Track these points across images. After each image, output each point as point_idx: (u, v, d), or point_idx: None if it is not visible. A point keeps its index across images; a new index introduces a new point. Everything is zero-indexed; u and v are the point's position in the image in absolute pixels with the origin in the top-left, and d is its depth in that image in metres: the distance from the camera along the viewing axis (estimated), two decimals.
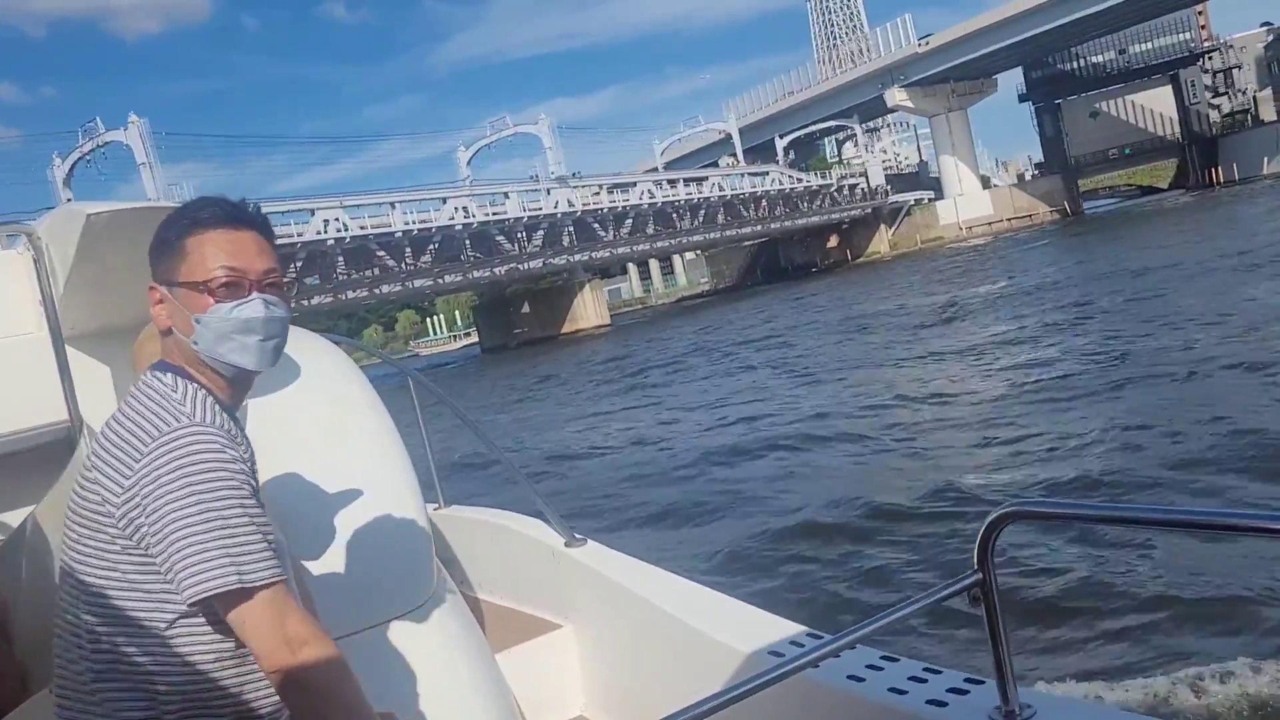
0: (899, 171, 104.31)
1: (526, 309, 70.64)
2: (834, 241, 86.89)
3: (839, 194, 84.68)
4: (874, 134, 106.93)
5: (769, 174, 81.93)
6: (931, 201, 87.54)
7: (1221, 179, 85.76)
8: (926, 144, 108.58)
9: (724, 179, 78.81)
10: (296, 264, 50.25)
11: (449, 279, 60.76)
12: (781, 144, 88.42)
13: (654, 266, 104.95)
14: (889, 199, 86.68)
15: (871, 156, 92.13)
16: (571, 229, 65.89)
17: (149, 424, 1.53)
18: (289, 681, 1.47)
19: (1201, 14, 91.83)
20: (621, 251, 72.73)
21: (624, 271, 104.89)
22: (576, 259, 66.05)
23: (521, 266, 62.81)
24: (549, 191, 65.75)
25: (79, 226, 2.12)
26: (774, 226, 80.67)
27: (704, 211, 75.04)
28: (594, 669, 3.09)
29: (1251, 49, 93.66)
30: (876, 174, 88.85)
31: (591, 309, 67.96)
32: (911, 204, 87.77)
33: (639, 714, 2.79)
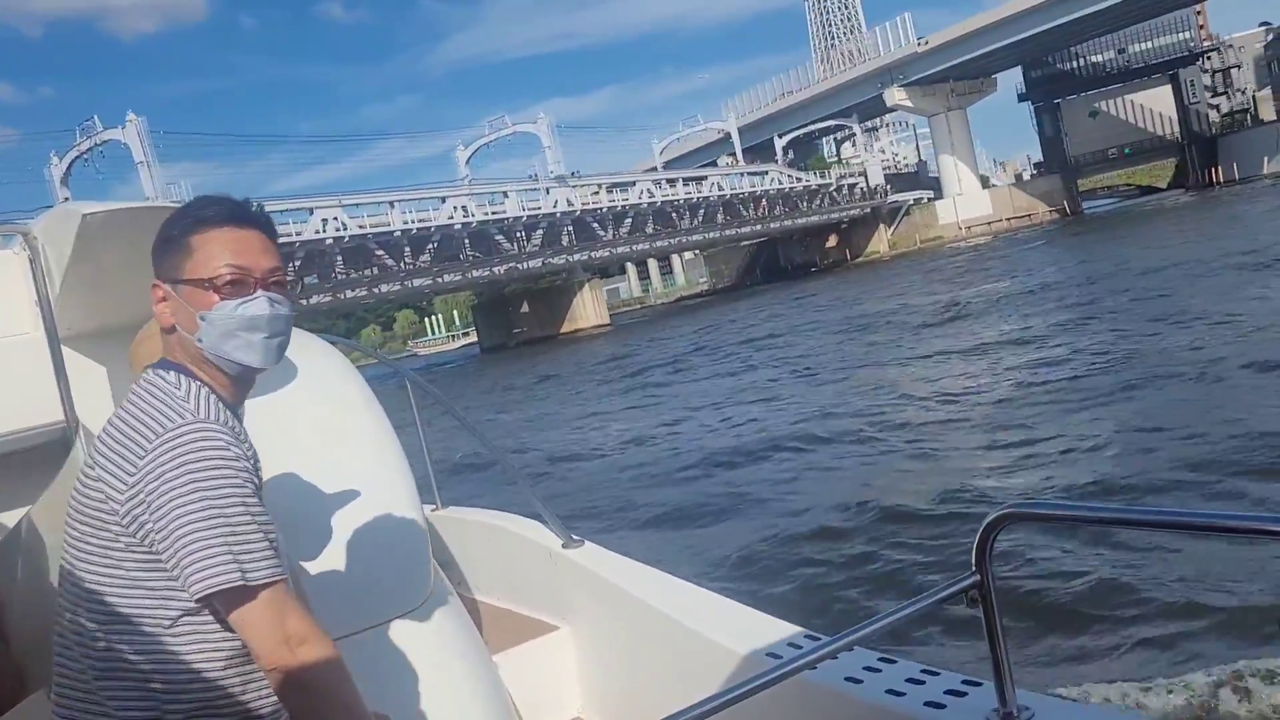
0: (898, 171, 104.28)
1: (525, 308, 70.61)
2: (833, 241, 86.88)
3: (838, 193, 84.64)
4: (872, 134, 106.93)
5: (768, 173, 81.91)
6: (931, 201, 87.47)
7: (1221, 178, 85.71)
8: (925, 144, 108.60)
9: (723, 178, 78.77)
10: (295, 263, 50.22)
11: (448, 278, 60.73)
12: (780, 143, 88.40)
13: (653, 266, 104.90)
14: (888, 199, 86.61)
15: (870, 156, 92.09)
16: (570, 228, 65.84)
17: (153, 421, 1.52)
18: (287, 680, 1.47)
19: (1200, 14, 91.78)
20: (621, 251, 72.69)
21: (622, 271, 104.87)
22: (576, 258, 66.00)
23: (520, 266, 62.77)
24: (548, 191, 65.67)
25: (75, 226, 2.11)
26: (773, 226, 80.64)
27: (703, 211, 75.00)
28: (591, 670, 3.09)
29: (1250, 48, 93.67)
30: (876, 173, 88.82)
31: (591, 309, 67.95)
32: (911, 204, 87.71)
33: (636, 716, 2.79)
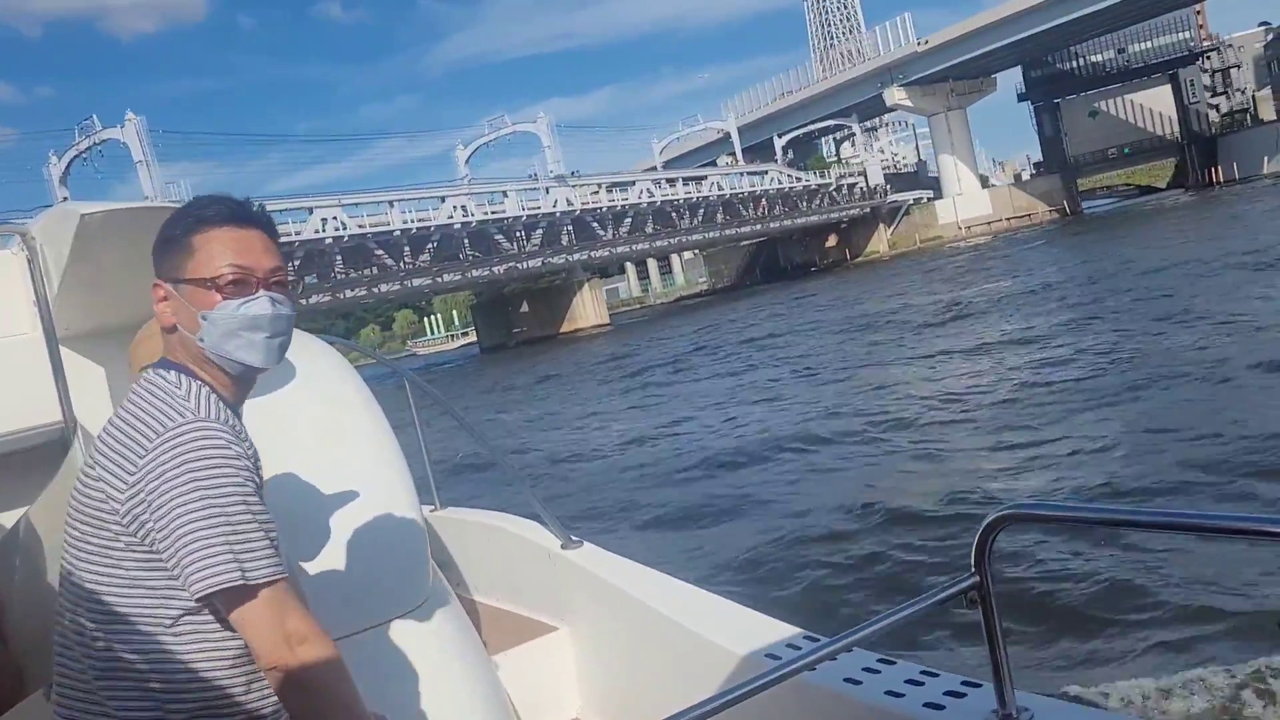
0: (897, 171, 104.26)
1: (525, 308, 70.56)
2: (833, 241, 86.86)
3: (838, 193, 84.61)
4: (872, 134, 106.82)
5: (768, 173, 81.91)
6: (930, 201, 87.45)
7: (1221, 178, 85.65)
8: (925, 144, 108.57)
9: (723, 178, 78.74)
10: (294, 263, 50.19)
11: (447, 278, 60.70)
12: (780, 143, 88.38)
13: (652, 266, 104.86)
14: (888, 198, 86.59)
15: (870, 156, 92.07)
16: (570, 228, 65.82)
17: (154, 420, 1.52)
18: (287, 679, 1.47)
19: (1199, 13, 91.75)
20: (620, 251, 72.67)
21: (622, 271, 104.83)
22: (575, 258, 65.97)
23: (520, 265, 62.74)
24: (548, 190, 65.61)
25: (73, 227, 2.11)
26: (773, 226, 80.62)
27: (703, 211, 74.98)
28: (590, 671, 3.08)
29: (1250, 48, 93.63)
30: (875, 173, 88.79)
31: (591, 308, 67.92)
32: (910, 203, 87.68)
33: (635, 717, 2.78)
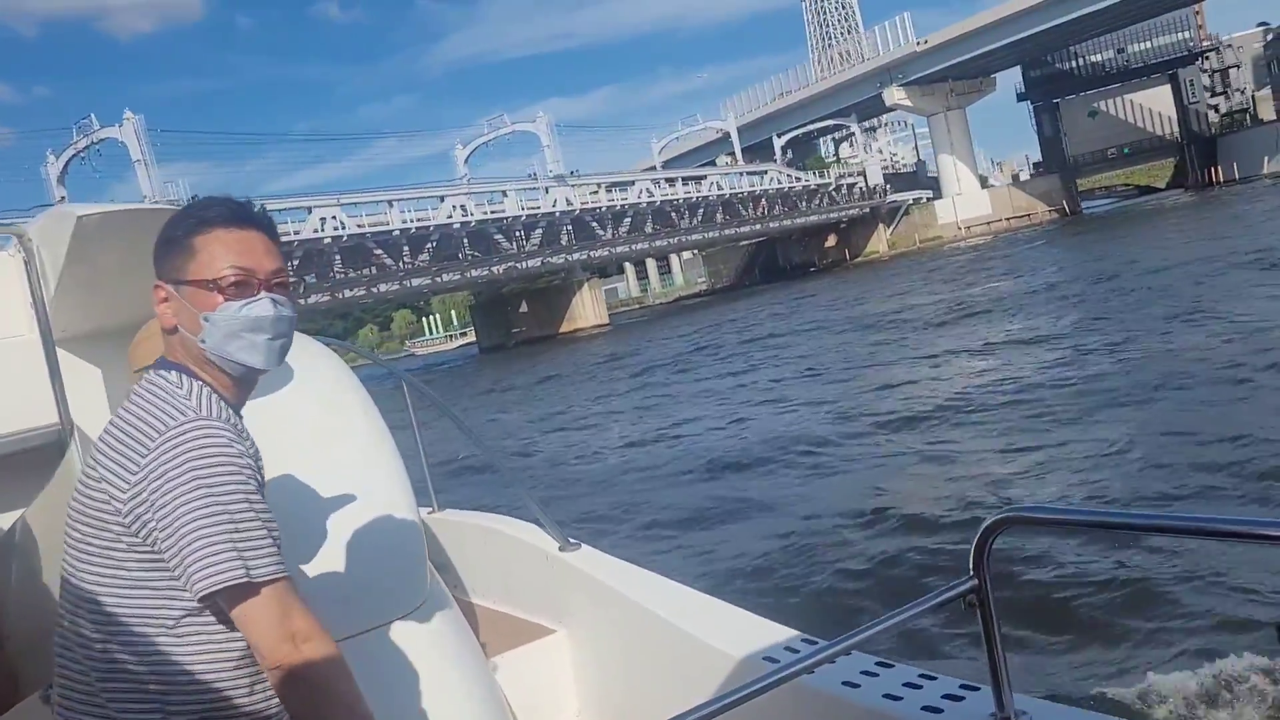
0: (895, 171, 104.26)
1: (524, 308, 70.49)
2: (832, 241, 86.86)
3: (837, 193, 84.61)
4: (870, 134, 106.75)
5: (767, 173, 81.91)
6: (930, 201, 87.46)
7: (1221, 178, 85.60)
8: (923, 144, 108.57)
9: (722, 178, 78.73)
10: (293, 262, 50.13)
11: (447, 278, 60.65)
12: (779, 143, 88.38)
13: (651, 266, 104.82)
14: (887, 198, 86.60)
15: (869, 156, 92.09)
16: (570, 228, 65.81)
17: (155, 419, 1.52)
18: (290, 677, 1.46)
19: (1198, 14, 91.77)
20: (620, 250, 72.66)
21: (620, 271, 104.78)
22: (575, 258, 65.93)
23: (520, 265, 62.72)
24: (547, 190, 65.58)
25: (70, 228, 2.11)
26: (772, 226, 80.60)
27: (702, 210, 74.97)
28: (588, 674, 3.08)
29: (1249, 49, 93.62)
30: (875, 173, 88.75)
31: (590, 308, 67.88)
32: (910, 203, 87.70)
33: None
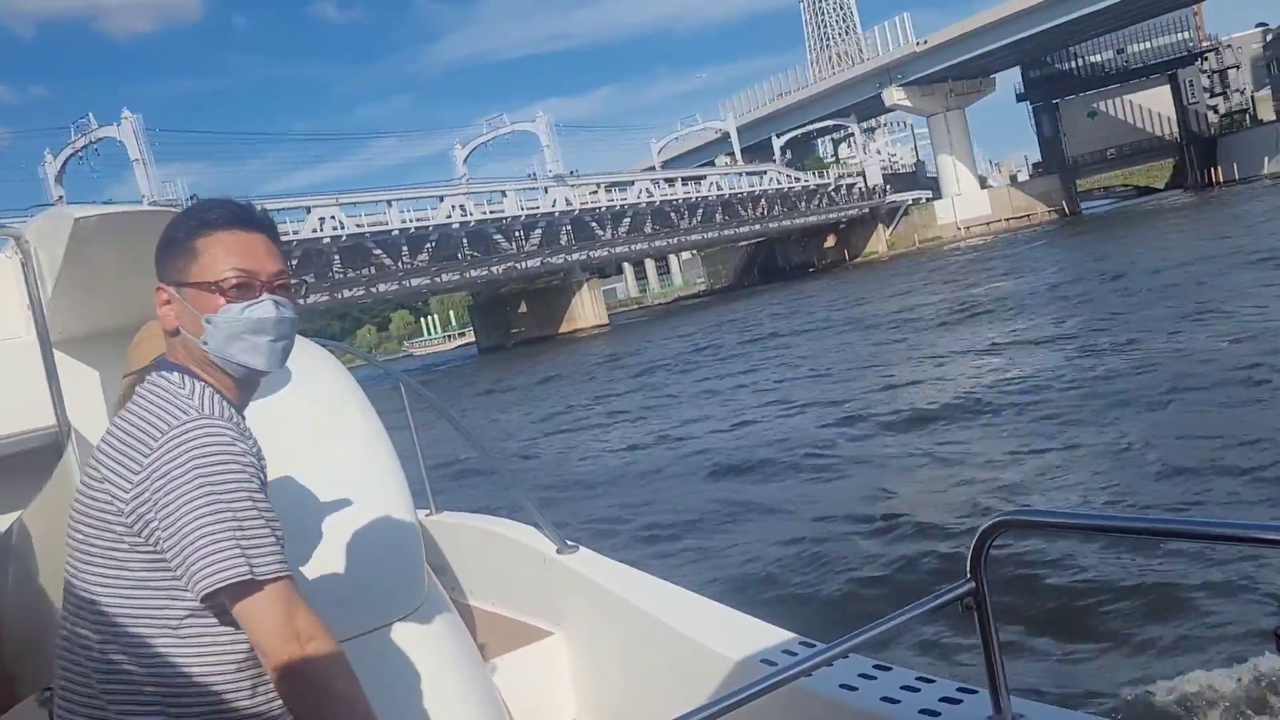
0: (894, 172, 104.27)
1: (523, 308, 70.44)
2: (831, 241, 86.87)
3: (837, 193, 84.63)
4: (869, 134, 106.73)
5: (767, 173, 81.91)
6: (929, 201, 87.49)
7: (1221, 179, 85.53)
8: (922, 144, 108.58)
9: (721, 178, 78.72)
10: (292, 262, 49.95)
11: (446, 278, 60.60)
12: (779, 143, 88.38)
13: (650, 266, 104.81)
14: (887, 199, 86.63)
15: (868, 156, 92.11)
16: (569, 228, 65.79)
17: (158, 420, 1.52)
18: (295, 675, 1.45)
19: (1197, 14, 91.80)
20: (620, 250, 72.65)
21: (619, 272, 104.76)
22: (574, 258, 65.92)
23: (519, 265, 62.68)
24: (546, 190, 65.55)
25: (67, 230, 2.10)
26: (772, 226, 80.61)
27: (702, 211, 74.95)
28: (585, 677, 3.08)
29: (1247, 49, 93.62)
30: (874, 173, 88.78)
31: (590, 309, 67.87)
32: (909, 204, 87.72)
33: None
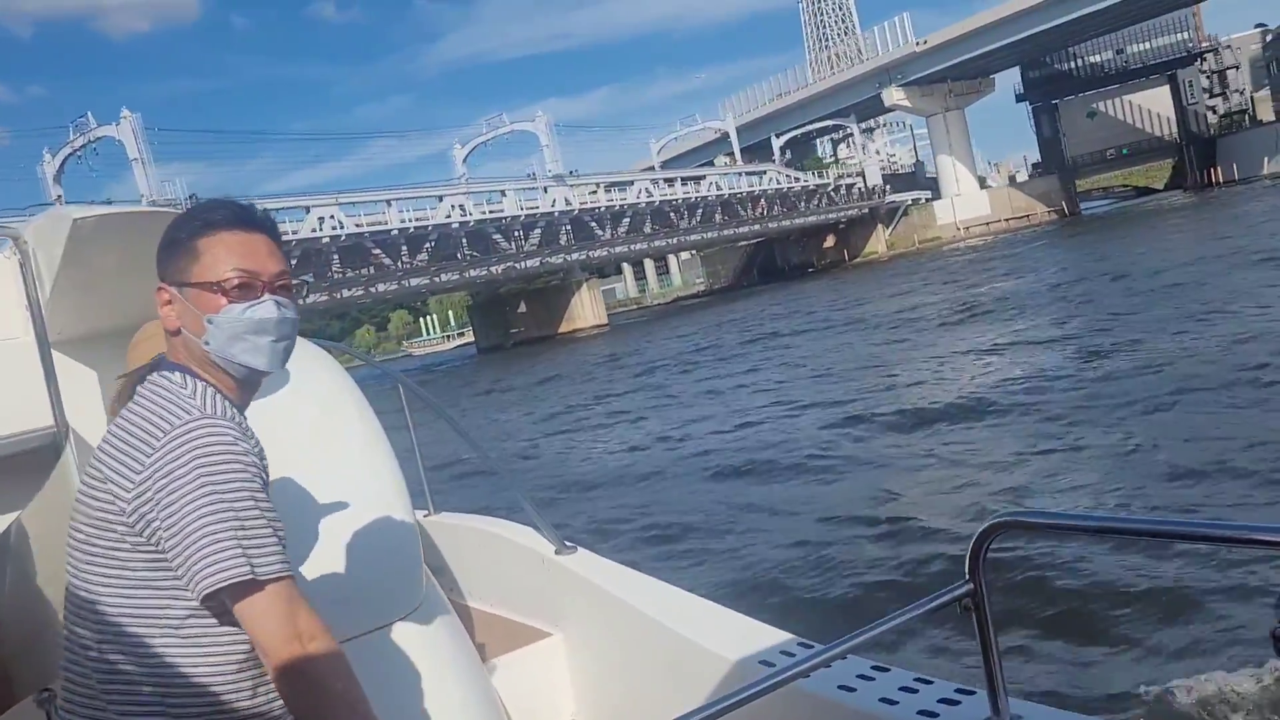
0: (893, 172, 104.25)
1: (523, 308, 70.36)
2: (831, 241, 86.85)
3: (836, 194, 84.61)
4: (868, 134, 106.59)
5: (766, 173, 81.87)
6: (929, 202, 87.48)
7: (1221, 179, 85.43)
8: (921, 145, 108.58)
9: (721, 178, 78.68)
10: (291, 262, 48.73)
11: (445, 277, 60.52)
12: (778, 143, 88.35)
13: (649, 266, 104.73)
14: (886, 199, 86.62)
15: (868, 157, 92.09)
16: (569, 228, 65.75)
17: (160, 419, 1.52)
18: (297, 675, 1.44)
19: (1195, 15, 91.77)
20: (619, 250, 72.60)
21: (618, 272, 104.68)
22: (574, 258, 65.88)
23: (518, 265, 62.64)
24: (546, 190, 65.49)
25: (66, 230, 2.10)
26: (771, 226, 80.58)
27: (701, 211, 74.92)
28: (584, 678, 3.08)
29: (1246, 50, 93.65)
30: (874, 174, 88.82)
31: (589, 309, 67.80)
32: (909, 204, 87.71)
33: None
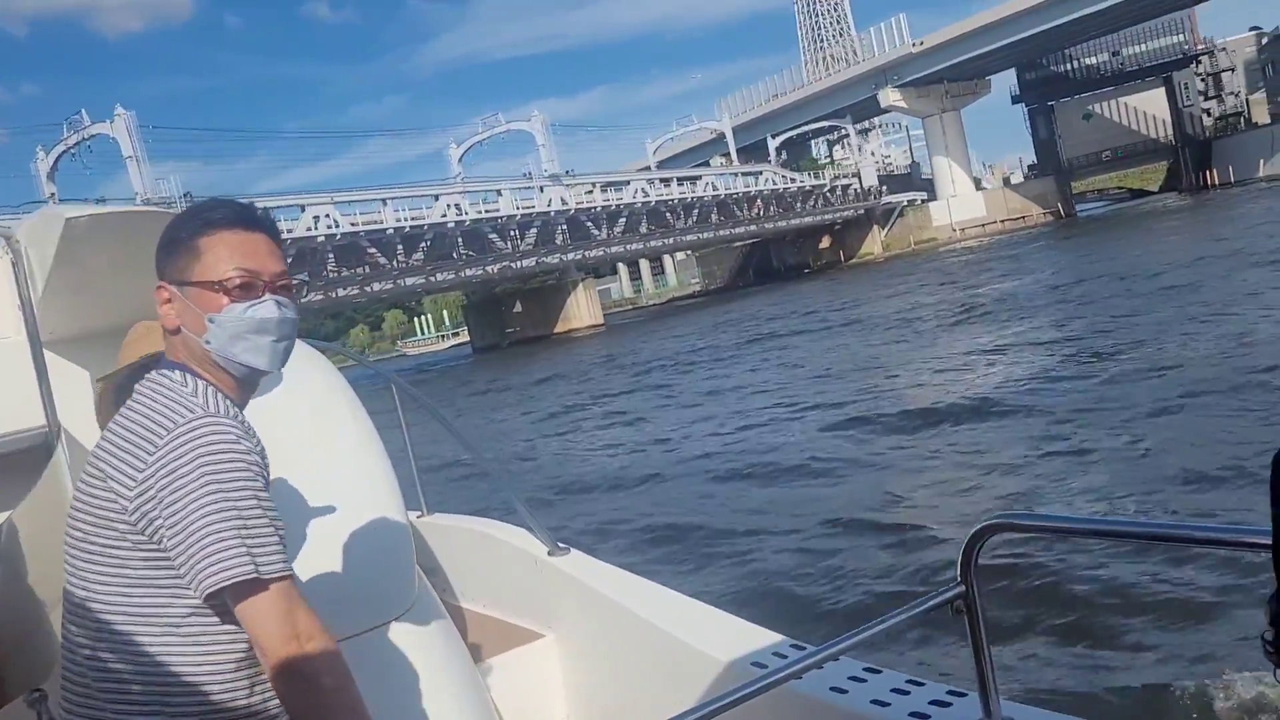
0: (889, 173, 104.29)
1: (519, 308, 70.25)
2: (826, 242, 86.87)
3: (832, 194, 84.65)
4: (864, 135, 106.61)
5: (762, 173, 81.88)
6: (924, 203, 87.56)
7: (1216, 181, 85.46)
8: (917, 146, 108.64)
9: (717, 178, 78.64)
10: (286, 260, 49.74)
11: (441, 277, 60.34)
12: (774, 144, 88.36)
13: (644, 267, 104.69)
14: (882, 200, 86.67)
15: (863, 158, 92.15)
16: (565, 227, 65.67)
17: (164, 416, 1.51)
18: (295, 674, 1.44)
19: (1191, 18, 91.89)
20: (615, 250, 72.50)
21: (613, 272, 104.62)
22: (570, 258, 65.81)
23: (514, 265, 62.53)
24: (542, 189, 65.37)
25: (58, 230, 2.10)
26: (767, 226, 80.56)
27: (697, 211, 74.87)
28: (576, 679, 3.08)
29: (1241, 52, 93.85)
30: (870, 174, 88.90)
31: (585, 309, 67.73)
32: (904, 205, 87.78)
33: None
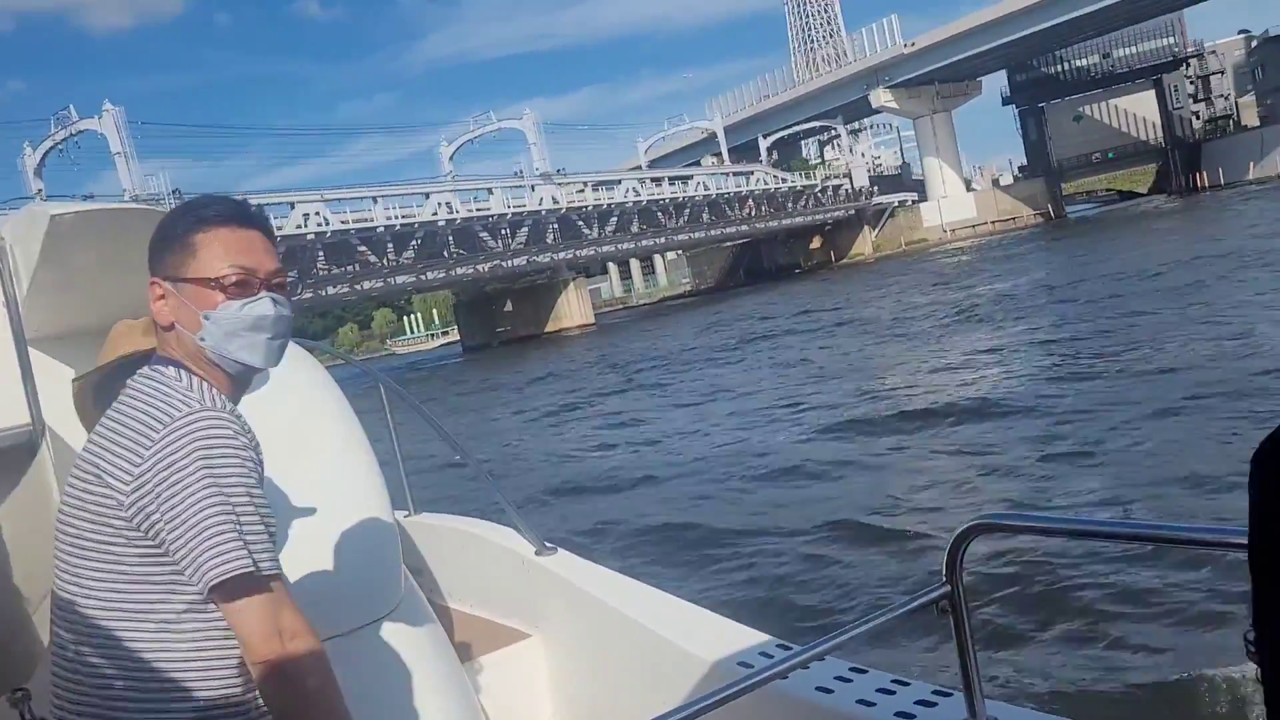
0: (880, 174, 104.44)
1: (509, 307, 70.18)
2: (817, 243, 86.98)
3: (823, 195, 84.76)
4: (855, 136, 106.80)
5: (754, 174, 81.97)
6: (915, 204, 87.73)
7: (1205, 184, 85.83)
8: (908, 147, 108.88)
9: (708, 178, 78.70)
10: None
11: (431, 275, 60.19)
12: (765, 144, 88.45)
13: (635, 266, 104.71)
14: (873, 201, 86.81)
15: (854, 158, 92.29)
16: (556, 227, 65.63)
17: (160, 411, 1.51)
18: (275, 673, 1.45)
19: (1180, 20, 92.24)
20: (606, 250, 72.56)
21: (604, 271, 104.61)
22: (561, 257, 65.75)
23: (505, 264, 62.44)
24: (533, 188, 65.32)
25: (43, 227, 2.09)
26: (758, 226, 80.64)
27: (688, 211, 74.90)
28: (563, 679, 3.08)
29: (1231, 55, 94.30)
30: (861, 175, 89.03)
31: (576, 308, 67.72)
32: (895, 206, 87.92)
33: None
